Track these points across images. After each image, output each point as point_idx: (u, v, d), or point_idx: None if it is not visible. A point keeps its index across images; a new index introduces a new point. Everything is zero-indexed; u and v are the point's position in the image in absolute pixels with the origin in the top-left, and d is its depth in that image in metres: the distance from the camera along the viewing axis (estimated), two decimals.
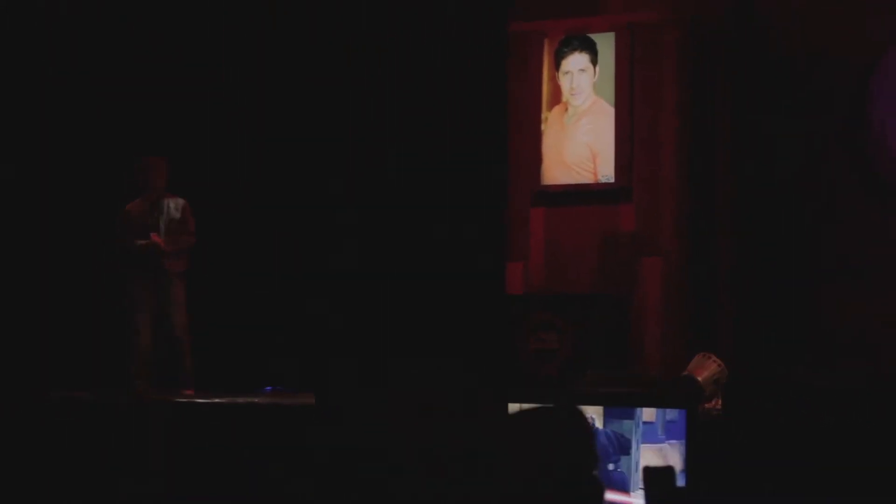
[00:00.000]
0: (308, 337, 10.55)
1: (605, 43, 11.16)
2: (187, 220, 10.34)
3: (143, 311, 10.20)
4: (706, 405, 8.49)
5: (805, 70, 10.94)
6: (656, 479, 3.94)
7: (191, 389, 9.98)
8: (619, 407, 6.53)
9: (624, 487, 5.84)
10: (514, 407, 7.20)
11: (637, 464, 5.93)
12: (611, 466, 5.87)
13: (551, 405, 3.11)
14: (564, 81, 11.27)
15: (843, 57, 10.87)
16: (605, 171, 11.13)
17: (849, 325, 10.42)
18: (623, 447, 6.05)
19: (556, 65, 11.29)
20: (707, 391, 8.62)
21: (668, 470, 4.01)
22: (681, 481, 5.27)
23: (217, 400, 9.57)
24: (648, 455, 5.97)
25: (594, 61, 11.18)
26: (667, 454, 5.96)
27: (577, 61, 11.23)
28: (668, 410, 6.13)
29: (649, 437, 6.07)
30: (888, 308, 10.33)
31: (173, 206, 10.30)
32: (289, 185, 11.46)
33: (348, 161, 11.04)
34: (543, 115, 11.31)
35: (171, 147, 10.80)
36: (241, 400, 9.70)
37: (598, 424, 6.52)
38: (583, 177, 11.22)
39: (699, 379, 8.73)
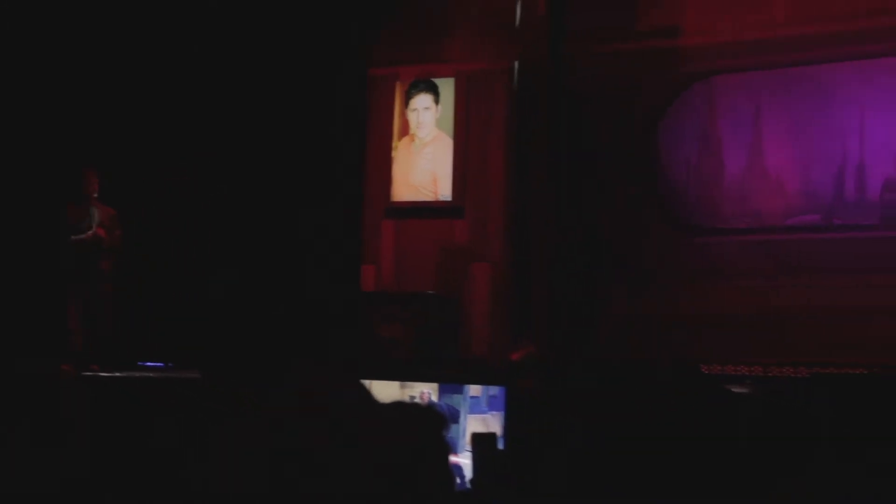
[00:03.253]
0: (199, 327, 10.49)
1: (446, 86, 11.23)
2: (115, 227, 10.15)
3: (75, 297, 10.01)
4: (523, 381, 8.56)
5: (607, 110, 11.10)
6: (481, 443, 3.95)
7: (96, 365, 9.78)
8: (451, 384, 6.56)
9: (454, 450, 5.84)
10: (364, 384, 7.21)
11: (465, 430, 5.96)
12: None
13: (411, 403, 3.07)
14: (412, 117, 11.31)
15: (636, 102, 11.05)
16: (444, 191, 11.19)
17: (636, 317, 10.59)
18: (454, 417, 6.08)
19: (406, 103, 11.33)
20: (523, 370, 8.69)
21: (492, 436, 4.03)
22: (501, 445, 5.29)
23: (117, 374, 9.43)
24: (474, 423, 6.00)
25: (437, 101, 11.24)
26: (489, 423, 5.99)
27: (422, 101, 11.28)
28: (490, 387, 6.17)
29: (475, 408, 6.10)
30: (666, 304, 10.51)
31: (101, 213, 10.10)
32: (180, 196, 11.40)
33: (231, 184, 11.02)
34: (394, 145, 11.34)
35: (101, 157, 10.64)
36: (137, 374, 9.60)
37: (434, 398, 6.53)
38: (426, 196, 11.27)
39: (517, 360, 8.81)
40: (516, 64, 11.09)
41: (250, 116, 11.07)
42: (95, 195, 10.13)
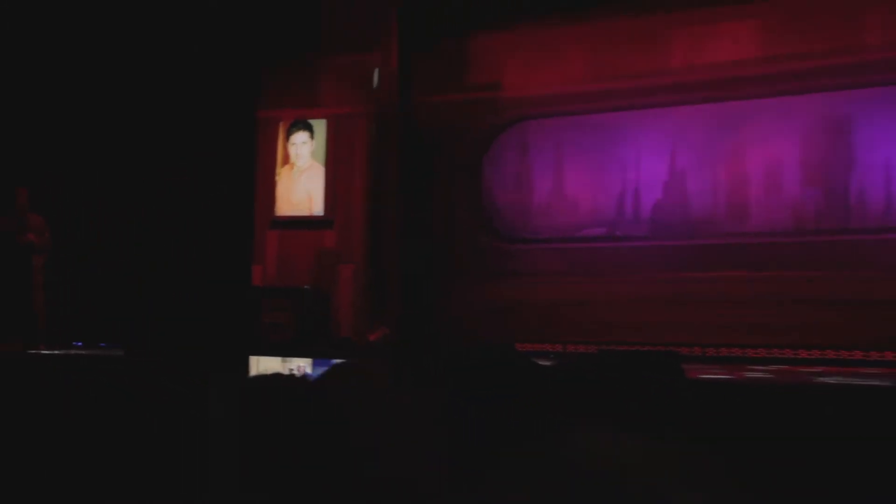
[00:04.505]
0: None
1: (319, 126, 11.20)
2: (44, 231, 9.93)
3: (15, 290, 9.78)
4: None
5: (444, 145, 11.20)
6: None
7: (42, 345, 9.58)
8: (322, 359, 6.57)
9: None
10: (254, 360, 7.16)
11: None
12: None
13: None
14: (292, 150, 11.26)
15: (466, 140, 11.18)
16: (317, 208, 11.17)
17: (466, 307, 10.69)
18: None
19: (287, 138, 11.28)
20: (379, 347, 8.73)
21: None
22: None
23: (56, 352, 9.24)
24: None
25: (312, 137, 11.20)
26: None
27: (300, 137, 11.23)
28: (353, 362, 6.18)
29: None
30: (489, 297, 10.65)
31: (32, 221, 9.88)
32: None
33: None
34: (278, 171, 11.28)
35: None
36: (72, 352, 9.43)
37: (309, 371, 6.54)
38: (303, 211, 11.23)
39: (374, 340, 8.89)
40: (374, 108, 11.15)
41: (168, 150, 10.98)
42: (26, 206, 9.91)
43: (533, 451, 1.31)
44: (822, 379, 7.61)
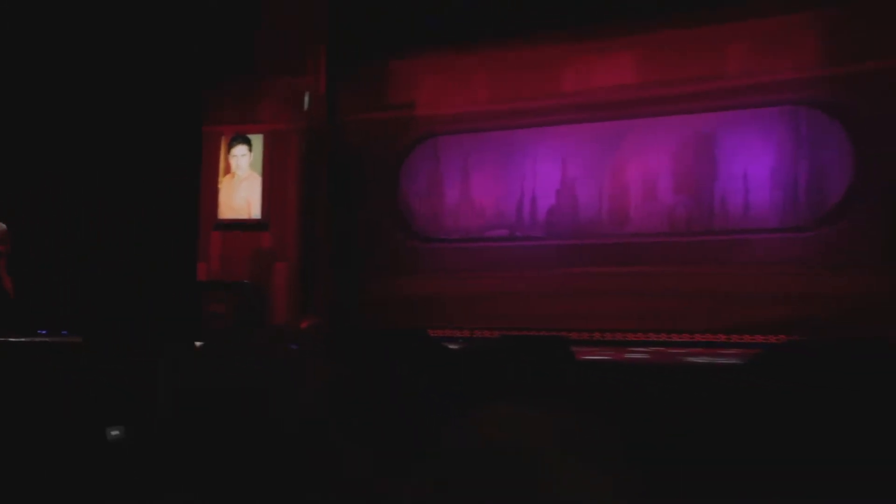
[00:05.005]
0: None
1: (257, 140, 11.17)
2: (7, 238, 9.64)
3: None
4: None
5: (366, 157, 11.24)
6: None
7: (10, 333, 9.32)
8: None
9: None
10: (198, 345, 7.13)
11: None
12: None
13: None
14: (233, 161, 11.22)
15: (386, 153, 11.23)
16: (255, 212, 11.13)
17: (386, 299, 10.75)
18: None
19: (229, 151, 11.21)
20: (310, 334, 8.71)
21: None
22: None
23: (23, 339, 9.02)
24: None
25: (250, 150, 11.17)
26: None
27: (240, 150, 11.19)
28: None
29: None
30: (406, 290, 10.72)
31: None
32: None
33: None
34: (220, 180, 11.23)
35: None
36: (37, 340, 9.20)
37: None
38: (242, 215, 11.18)
39: (304, 327, 8.87)
40: (306, 125, 11.15)
41: (125, 161, 10.81)
42: None
43: (442, 426, 1.32)
44: (691, 359, 7.77)
